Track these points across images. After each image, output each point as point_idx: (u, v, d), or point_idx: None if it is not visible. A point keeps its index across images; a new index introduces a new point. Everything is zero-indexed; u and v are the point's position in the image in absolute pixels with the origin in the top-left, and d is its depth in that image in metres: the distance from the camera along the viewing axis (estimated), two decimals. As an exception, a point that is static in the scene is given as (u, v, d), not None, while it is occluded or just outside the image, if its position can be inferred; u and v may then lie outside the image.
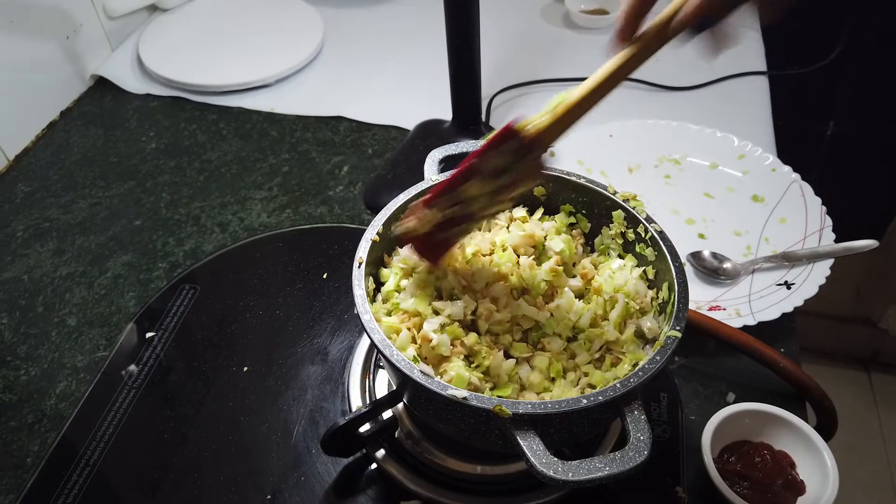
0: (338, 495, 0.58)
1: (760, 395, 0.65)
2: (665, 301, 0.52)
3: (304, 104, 1.00)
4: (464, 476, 0.57)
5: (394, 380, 0.54)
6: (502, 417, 0.42)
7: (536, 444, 0.41)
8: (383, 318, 0.51)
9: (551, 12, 1.15)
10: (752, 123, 0.93)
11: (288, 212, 0.84)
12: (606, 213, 0.57)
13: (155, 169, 0.91)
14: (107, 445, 0.61)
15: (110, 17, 1.06)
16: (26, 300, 0.76)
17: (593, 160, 0.85)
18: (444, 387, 0.43)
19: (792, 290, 0.69)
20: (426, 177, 0.58)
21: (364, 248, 0.52)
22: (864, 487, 1.57)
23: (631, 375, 0.43)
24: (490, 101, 0.96)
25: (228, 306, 0.72)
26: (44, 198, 0.87)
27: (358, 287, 0.50)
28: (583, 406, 0.42)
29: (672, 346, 0.45)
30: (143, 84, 1.04)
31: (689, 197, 0.82)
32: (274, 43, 1.07)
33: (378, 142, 0.94)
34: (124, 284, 0.77)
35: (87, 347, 0.71)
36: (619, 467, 0.40)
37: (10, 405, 0.66)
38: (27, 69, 0.93)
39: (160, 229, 0.83)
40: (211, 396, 0.65)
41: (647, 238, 0.54)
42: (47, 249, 0.81)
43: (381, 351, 0.46)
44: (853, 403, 1.70)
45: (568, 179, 0.58)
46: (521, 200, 0.61)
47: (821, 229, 0.75)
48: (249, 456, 0.60)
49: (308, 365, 0.67)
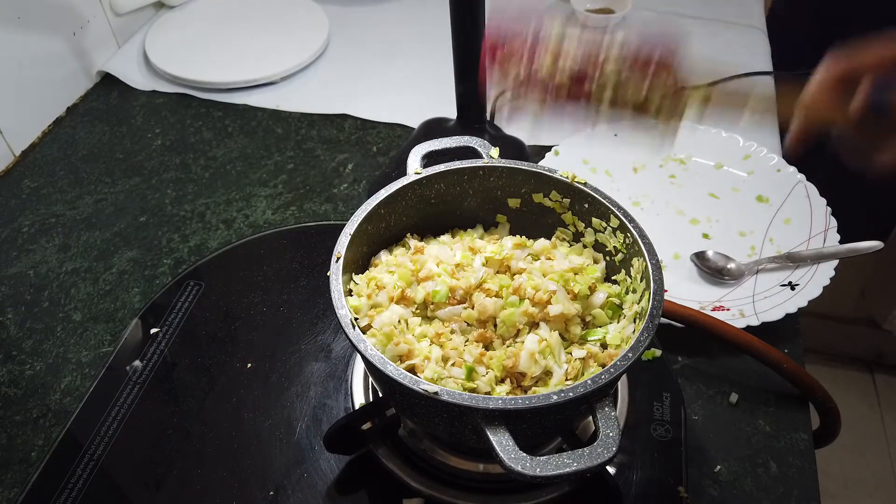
0: (340, 492, 0.58)
1: (764, 397, 0.65)
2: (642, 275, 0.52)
3: (309, 102, 1.00)
4: (466, 474, 0.57)
5: (373, 378, 0.54)
6: (474, 413, 0.42)
7: (506, 439, 0.41)
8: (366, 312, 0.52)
9: (557, 11, 1.15)
10: (758, 124, 0.93)
11: (293, 209, 0.84)
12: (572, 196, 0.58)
13: (160, 165, 0.91)
14: (111, 440, 0.61)
15: (117, 14, 1.07)
16: (32, 295, 0.76)
17: (598, 160, 0.85)
18: (416, 381, 0.43)
19: (796, 291, 0.69)
20: (409, 171, 0.58)
21: (343, 244, 0.52)
22: (867, 489, 1.57)
23: (602, 372, 0.43)
24: (495, 100, 0.96)
25: (233, 303, 0.72)
26: (50, 193, 0.88)
27: (335, 282, 0.50)
28: (553, 402, 0.42)
29: (645, 343, 0.45)
30: (150, 81, 1.04)
31: (693, 197, 0.82)
32: (279, 41, 1.08)
33: (383, 140, 0.94)
34: (129, 280, 0.77)
35: (91, 343, 0.71)
36: (587, 463, 0.40)
37: (15, 400, 0.67)
38: (34, 65, 0.94)
39: (165, 226, 0.83)
40: (215, 392, 0.65)
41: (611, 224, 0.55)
42: (53, 245, 0.81)
43: (355, 346, 0.46)
44: (857, 405, 1.70)
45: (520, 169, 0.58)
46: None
47: (826, 230, 0.74)
48: (252, 452, 0.61)
49: (311, 362, 0.67)
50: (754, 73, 1.01)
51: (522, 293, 0.52)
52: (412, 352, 0.49)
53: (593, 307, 0.53)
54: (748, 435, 0.62)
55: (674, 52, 0.49)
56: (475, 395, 0.43)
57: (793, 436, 0.62)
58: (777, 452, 0.61)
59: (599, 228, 0.56)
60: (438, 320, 0.52)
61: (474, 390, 0.48)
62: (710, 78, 1.08)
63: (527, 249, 0.57)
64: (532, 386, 0.49)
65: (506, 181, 0.59)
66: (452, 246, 0.58)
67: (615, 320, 0.53)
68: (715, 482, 0.59)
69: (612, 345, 0.51)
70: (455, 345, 0.50)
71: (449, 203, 0.60)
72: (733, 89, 0.51)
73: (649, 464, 0.58)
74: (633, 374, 0.64)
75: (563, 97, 0.51)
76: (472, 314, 0.52)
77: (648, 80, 0.50)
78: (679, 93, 0.49)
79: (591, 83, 0.50)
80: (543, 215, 0.60)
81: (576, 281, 0.53)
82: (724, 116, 0.53)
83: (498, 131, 0.90)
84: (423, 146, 0.61)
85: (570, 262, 0.55)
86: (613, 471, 0.58)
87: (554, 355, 0.50)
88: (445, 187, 0.59)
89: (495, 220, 0.62)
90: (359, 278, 0.55)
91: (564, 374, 0.49)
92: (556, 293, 0.51)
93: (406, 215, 0.59)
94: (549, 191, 0.58)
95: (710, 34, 1.09)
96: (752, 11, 1.13)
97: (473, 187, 0.59)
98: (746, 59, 1.03)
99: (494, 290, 0.53)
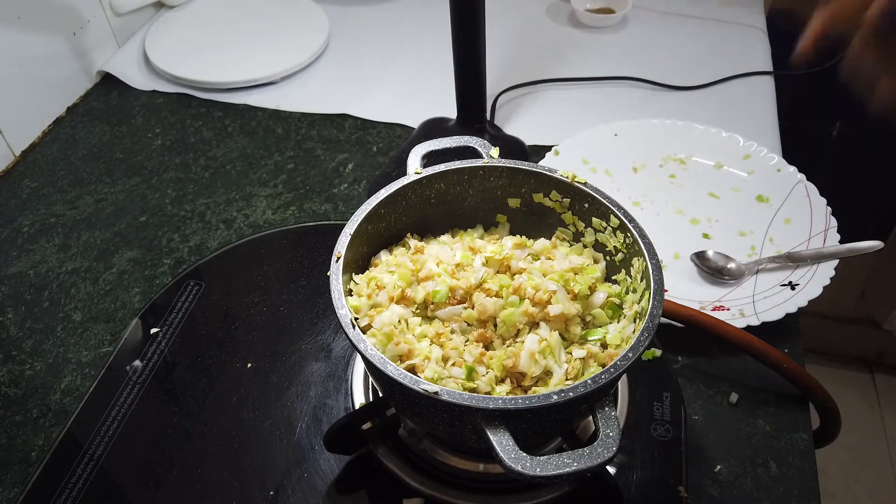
0: (340, 492, 0.58)
1: (764, 396, 0.65)
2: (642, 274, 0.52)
3: (309, 102, 1.00)
4: (466, 474, 0.57)
5: (373, 378, 0.54)
6: (474, 413, 0.42)
7: (506, 439, 0.41)
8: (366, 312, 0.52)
9: (557, 11, 1.15)
10: (758, 123, 0.93)
11: (293, 209, 0.84)
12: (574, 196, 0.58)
13: (160, 165, 0.91)
14: (111, 440, 0.61)
15: (117, 14, 1.07)
16: (32, 295, 0.76)
17: (598, 160, 0.85)
18: (416, 381, 0.43)
19: (796, 291, 0.69)
20: (409, 171, 0.58)
21: (343, 244, 0.52)
22: (867, 489, 1.57)
23: (602, 372, 0.43)
24: (495, 100, 0.96)
25: (233, 303, 0.72)
26: (50, 193, 0.88)
27: (335, 282, 0.50)
28: (553, 402, 0.42)
29: (645, 343, 0.45)
30: (150, 81, 1.04)
31: (693, 197, 0.82)
32: (280, 40, 1.08)
33: (383, 139, 0.94)
34: (129, 280, 0.77)
35: (91, 343, 0.71)
36: (587, 463, 0.40)
37: (15, 400, 0.67)
38: (34, 65, 0.94)
39: (165, 225, 0.83)
40: (215, 392, 0.65)
41: (612, 223, 0.55)
42: (53, 245, 0.81)
43: (355, 346, 0.46)
44: (857, 405, 1.70)
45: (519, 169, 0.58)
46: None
47: (826, 230, 0.74)
48: (252, 452, 0.61)
49: (312, 362, 0.67)
50: (754, 72, 1.01)
51: (522, 293, 0.52)
52: (412, 352, 0.49)
53: (593, 307, 0.53)
54: (748, 435, 0.62)
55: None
56: (475, 395, 0.43)
57: (793, 436, 0.62)
58: (777, 452, 0.61)
59: (599, 228, 0.56)
60: (438, 320, 0.52)
61: (474, 390, 0.48)
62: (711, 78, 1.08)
63: (527, 249, 0.57)
64: (532, 386, 0.49)
65: (506, 181, 0.59)
66: (452, 246, 0.58)
67: (615, 320, 0.53)
68: (715, 482, 0.59)
69: (613, 345, 0.51)
70: (455, 345, 0.50)
71: (449, 203, 0.60)
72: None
73: (649, 464, 0.58)
74: (633, 373, 0.64)
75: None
76: (473, 314, 0.52)
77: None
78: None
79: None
80: (543, 215, 0.60)
81: (576, 281, 0.53)
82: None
83: (498, 131, 0.91)
84: (423, 146, 0.61)
85: (571, 262, 0.55)
86: (613, 471, 0.58)
87: (554, 355, 0.50)
88: (445, 187, 0.59)
89: (495, 220, 0.62)
90: (359, 278, 0.55)
91: (564, 373, 0.49)
92: (557, 293, 0.51)
93: (406, 215, 0.59)
94: (550, 191, 0.58)
95: (710, 34, 1.10)
96: (752, 11, 1.13)
97: (473, 187, 0.59)
98: (746, 60, 1.03)
99: (494, 290, 0.53)
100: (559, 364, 0.50)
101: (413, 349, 0.49)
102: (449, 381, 0.48)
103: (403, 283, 0.53)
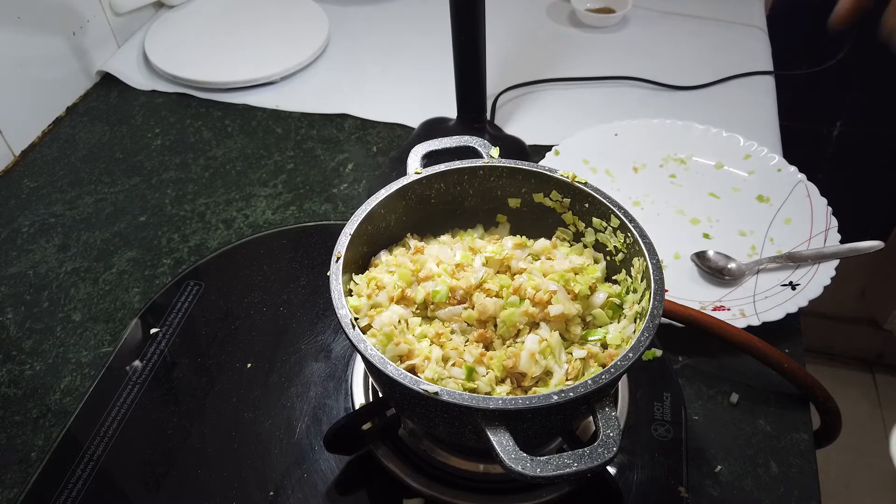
0: (340, 492, 0.58)
1: (764, 396, 0.65)
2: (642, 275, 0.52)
3: (309, 101, 1.00)
4: (466, 474, 0.57)
5: (373, 378, 0.54)
6: (474, 413, 0.42)
7: (506, 439, 0.41)
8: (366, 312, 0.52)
9: (557, 11, 1.15)
10: (758, 123, 0.93)
11: (292, 209, 0.84)
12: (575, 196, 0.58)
13: (160, 165, 0.91)
14: (111, 440, 0.61)
15: (117, 14, 1.07)
16: (31, 295, 0.76)
17: (598, 160, 0.85)
18: (416, 381, 0.43)
19: (797, 291, 0.69)
20: (409, 171, 0.58)
21: (343, 244, 0.52)
22: (868, 489, 1.57)
23: (603, 372, 0.43)
24: (495, 100, 0.96)
25: (232, 303, 0.72)
26: (49, 193, 0.88)
27: (335, 282, 0.50)
28: (553, 402, 0.42)
29: (646, 343, 0.45)
30: (149, 80, 1.04)
31: (694, 197, 0.82)
32: (279, 40, 1.08)
33: (382, 139, 0.94)
34: (129, 280, 0.77)
35: (91, 343, 0.71)
36: (587, 463, 0.40)
37: (14, 400, 0.67)
38: (34, 65, 0.94)
39: (165, 225, 0.83)
40: (214, 392, 0.65)
41: (612, 223, 0.55)
42: (52, 245, 0.81)
43: (355, 346, 0.46)
44: (857, 405, 1.70)
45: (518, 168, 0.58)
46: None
47: (826, 230, 0.74)
48: (252, 452, 0.61)
49: (311, 362, 0.67)
50: (755, 72, 1.01)
51: (523, 293, 0.52)
52: (412, 352, 0.49)
53: (594, 307, 0.53)
54: (748, 435, 0.62)
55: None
56: (475, 396, 0.43)
57: (793, 436, 0.62)
58: (777, 452, 0.61)
59: (600, 228, 0.56)
60: (438, 320, 0.52)
61: (474, 390, 0.48)
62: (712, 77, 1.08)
63: (527, 249, 0.57)
64: (532, 386, 0.49)
65: (506, 181, 0.59)
66: (452, 246, 0.58)
67: (615, 320, 0.53)
68: (715, 482, 0.59)
69: (613, 345, 0.51)
70: (455, 345, 0.50)
71: (449, 203, 0.60)
72: None
73: (650, 464, 0.58)
74: (634, 374, 0.64)
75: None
76: (473, 314, 0.52)
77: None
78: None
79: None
80: (543, 215, 0.60)
81: (576, 281, 0.53)
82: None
83: (498, 131, 0.90)
84: (423, 146, 0.61)
85: (571, 262, 0.55)
86: (614, 471, 0.58)
87: (554, 355, 0.50)
88: (445, 187, 0.59)
89: (495, 220, 0.62)
90: (359, 278, 0.55)
91: (565, 374, 0.49)
92: (557, 293, 0.51)
93: (406, 215, 0.59)
94: (550, 191, 0.58)
95: (710, 34, 1.09)
96: (752, 11, 1.13)
97: (473, 187, 0.59)
98: (746, 59, 1.03)
99: (494, 290, 0.53)
100: (559, 364, 0.50)
101: (413, 349, 0.49)
102: (449, 381, 0.48)
103: (403, 283, 0.53)
